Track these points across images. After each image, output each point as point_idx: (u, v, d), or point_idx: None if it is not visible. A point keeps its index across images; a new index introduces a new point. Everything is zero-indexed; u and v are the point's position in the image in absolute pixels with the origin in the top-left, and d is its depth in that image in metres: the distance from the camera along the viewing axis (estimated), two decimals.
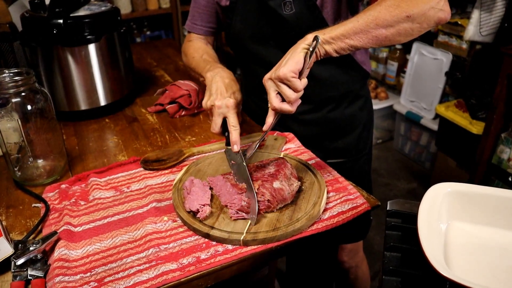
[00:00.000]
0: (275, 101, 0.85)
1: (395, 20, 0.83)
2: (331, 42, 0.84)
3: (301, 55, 0.82)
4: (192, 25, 1.28)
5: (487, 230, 0.75)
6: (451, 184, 0.78)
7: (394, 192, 2.75)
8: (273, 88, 0.85)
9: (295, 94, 0.83)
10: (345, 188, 0.94)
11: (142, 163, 1.06)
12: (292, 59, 0.82)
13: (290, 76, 0.81)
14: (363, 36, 0.84)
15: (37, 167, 1.05)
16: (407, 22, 0.84)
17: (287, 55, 0.85)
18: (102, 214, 0.90)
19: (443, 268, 0.61)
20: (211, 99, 1.00)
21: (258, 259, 0.79)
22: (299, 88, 0.82)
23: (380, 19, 0.83)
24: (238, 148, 0.95)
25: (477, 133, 2.28)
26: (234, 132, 0.96)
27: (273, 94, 0.85)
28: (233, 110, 0.98)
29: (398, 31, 0.84)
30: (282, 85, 0.83)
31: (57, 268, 0.75)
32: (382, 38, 0.85)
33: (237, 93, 1.04)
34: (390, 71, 3.17)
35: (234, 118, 0.97)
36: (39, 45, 1.25)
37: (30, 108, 0.98)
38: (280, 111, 0.85)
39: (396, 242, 0.74)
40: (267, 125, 0.87)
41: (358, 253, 1.51)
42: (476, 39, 2.29)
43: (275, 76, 0.83)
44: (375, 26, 0.83)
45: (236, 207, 0.84)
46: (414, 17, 0.83)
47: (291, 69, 0.81)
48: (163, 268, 0.74)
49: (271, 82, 0.85)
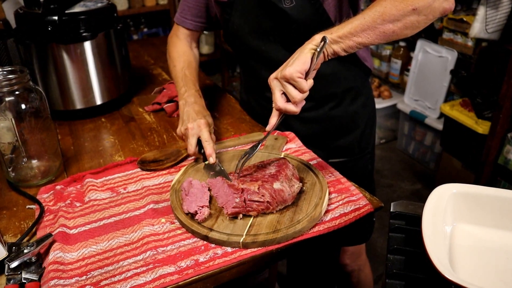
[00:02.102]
0: (280, 101, 0.85)
1: (402, 14, 0.86)
2: (338, 41, 0.86)
3: (308, 55, 0.84)
4: (181, 18, 1.30)
5: (493, 233, 0.75)
6: (456, 185, 0.78)
7: (397, 193, 2.75)
8: (278, 87, 0.86)
9: (301, 95, 0.84)
10: (348, 189, 0.94)
11: (139, 163, 1.06)
12: (299, 59, 0.83)
13: (296, 77, 0.82)
14: (370, 32, 0.86)
15: (32, 168, 1.05)
16: (413, 15, 0.86)
17: (294, 55, 0.86)
18: (98, 216, 0.90)
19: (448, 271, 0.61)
20: (184, 124, 1.07)
21: (258, 262, 0.79)
22: (305, 88, 0.83)
23: (386, 14, 0.85)
24: (214, 160, 1.01)
25: (483, 132, 2.28)
26: (208, 146, 1.02)
27: (278, 94, 0.86)
28: (205, 128, 1.05)
29: (405, 24, 0.87)
30: (288, 85, 0.84)
31: (52, 271, 0.75)
32: (389, 33, 0.87)
33: (207, 117, 1.11)
34: (393, 69, 3.17)
35: (207, 134, 1.04)
36: (34, 42, 1.25)
37: (24, 107, 0.98)
38: (284, 112, 0.86)
39: (400, 245, 0.74)
40: (271, 126, 0.88)
41: (360, 256, 1.51)
42: (482, 36, 2.29)
43: (281, 75, 0.84)
44: (382, 22, 0.86)
45: (230, 205, 0.85)
46: (420, 10, 0.86)
47: (297, 69, 0.82)
48: (160, 271, 0.74)
49: (276, 82, 0.86)
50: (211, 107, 1.37)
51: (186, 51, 1.29)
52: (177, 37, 1.32)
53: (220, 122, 1.30)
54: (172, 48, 1.30)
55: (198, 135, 1.04)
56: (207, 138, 1.03)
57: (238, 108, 1.39)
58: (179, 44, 1.30)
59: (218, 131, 1.25)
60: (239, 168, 0.93)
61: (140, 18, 3.68)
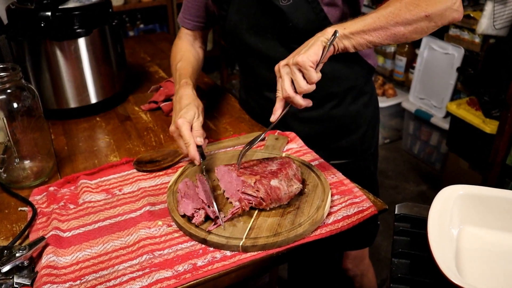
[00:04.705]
0: (290, 89, 0.86)
1: (414, 19, 0.90)
2: (350, 37, 0.89)
3: (320, 47, 0.86)
4: (182, 18, 1.32)
5: (501, 235, 0.75)
6: (463, 186, 0.78)
7: (402, 195, 2.75)
8: (288, 74, 0.86)
9: (308, 86, 0.85)
10: (351, 191, 0.94)
11: (135, 164, 1.06)
12: (312, 49, 0.85)
13: (308, 65, 0.83)
14: (382, 32, 0.90)
15: (24, 169, 1.05)
16: (425, 21, 0.91)
17: (307, 44, 0.88)
18: (92, 219, 0.90)
19: (454, 275, 0.61)
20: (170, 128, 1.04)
21: (258, 266, 0.79)
22: (313, 79, 0.84)
23: (400, 17, 0.89)
24: (198, 163, 0.97)
25: (490, 132, 2.28)
26: (188, 148, 0.98)
27: (288, 81, 0.86)
28: (183, 127, 0.99)
29: (416, 29, 0.92)
30: (298, 73, 0.85)
31: (45, 275, 0.75)
32: (399, 35, 0.91)
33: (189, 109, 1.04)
34: (398, 67, 3.17)
35: (186, 134, 0.99)
36: (26, 39, 1.25)
37: (16, 106, 0.98)
38: (291, 102, 0.86)
39: (405, 248, 0.74)
40: (275, 116, 0.89)
41: (363, 261, 1.51)
42: (489, 32, 2.29)
43: (293, 61, 0.85)
44: (394, 24, 0.89)
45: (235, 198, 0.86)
46: (432, 17, 0.91)
47: (310, 59, 0.84)
48: (157, 276, 0.74)
49: (287, 68, 0.87)
50: (209, 106, 1.37)
51: (184, 48, 1.30)
52: (179, 38, 1.34)
53: (219, 121, 1.30)
54: (173, 49, 1.32)
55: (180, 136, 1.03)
56: (187, 138, 0.98)
57: (237, 107, 1.39)
58: (179, 44, 1.32)
59: (217, 131, 1.25)
60: (239, 158, 0.94)
61: (136, 14, 3.68)
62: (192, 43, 1.33)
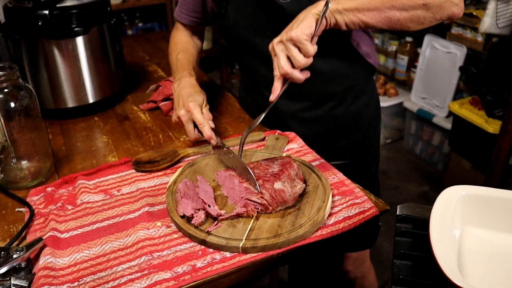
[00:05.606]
0: (287, 65, 0.86)
1: (412, 5, 0.89)
2: (342, 12, 0.89)
3: (313, 19, 0.86)
4: (179, 13, 1.33)
5: (504, 237, 0.75)
6: (465, 187, 0.78)
7: (404, 195, 2.75)
8: (283, 51, 0.86)
9: (305, 60, 0.85)
10: (352, 192, 0.94)
11: (134, 164, 1.06)
12: (305, 23, 0.85)
13: (303, 39, 0.84)
14: (376, 14, 0.90)
15: (21, 169, 1.05)
16: (422, 10, 0.90)
17: (297, 18, 0.88)
18: (90, 219, 0.90)
19: (457, 277, 0.61)
20: (175, 112, 1.08)
21: (258, 267, 0.79)
22: (310, 52, 0.84)
23: (397, 1, 0.89)
24: (215, 142, 1.01)
25: (493, 132, 2.28)
26: (203, 129, 1.01)
27: (284, 58, 0.86)
28: (195, 110, 1.03)
29: (411, 16, 0.91)
30: (294, 48, 0.85)
31: (43, 277, 0.75)
32: (394, 20, 0.91)
33: (197, 95, 1.09)
34: (400, 66, 3.17)
35: (199, 116, 1.03)
36: (23, 37, 1.25)
37: (14, 105, 0.98)
38: (290, 78, 0.87)
39: (407, 250, 0.74)
40: (275, 95, 0.89)
41: (364, 263, 1.50)
42: (492, 31, 2.29)
43: (287, 37, 0.85)
44: (390, 7, 0.89)
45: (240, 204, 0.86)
46: (430, 6, 0.90)
47: (304, 32, 0.84)
48: (156, 277, 0.74)
49: (281, 45, 0.87)
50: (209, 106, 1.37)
51: (183, 40, 1.32)
52: (176, 29, 1.35)
53: (218, 121, 1.30)
54: (171, 40, 1.33)
55: (192, 120, 1.05)
56: (201, 120, 1.02)
57: (237, 107, 1.39)
58: (177, 35, 1.33)
59: (216, 131, 1.24)
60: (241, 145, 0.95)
61: (135, 12, 3.68)
62: (190, 35, 1.35)
